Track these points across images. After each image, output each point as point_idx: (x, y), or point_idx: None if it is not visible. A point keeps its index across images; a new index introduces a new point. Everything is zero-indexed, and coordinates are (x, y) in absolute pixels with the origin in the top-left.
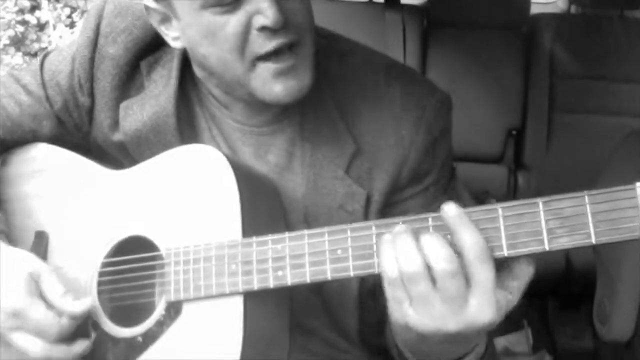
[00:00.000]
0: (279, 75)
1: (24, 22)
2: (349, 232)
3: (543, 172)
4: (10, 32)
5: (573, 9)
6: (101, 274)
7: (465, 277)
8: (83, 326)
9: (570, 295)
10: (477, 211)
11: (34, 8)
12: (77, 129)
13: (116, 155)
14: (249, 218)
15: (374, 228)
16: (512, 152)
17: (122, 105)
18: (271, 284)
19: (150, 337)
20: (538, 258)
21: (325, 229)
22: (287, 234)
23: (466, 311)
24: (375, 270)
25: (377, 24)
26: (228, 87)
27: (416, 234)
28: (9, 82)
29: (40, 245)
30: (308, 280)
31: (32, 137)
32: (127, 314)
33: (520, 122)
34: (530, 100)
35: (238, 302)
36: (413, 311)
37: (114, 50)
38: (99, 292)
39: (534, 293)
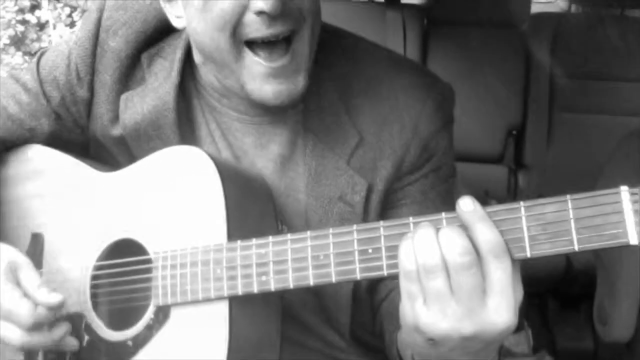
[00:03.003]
0: (270, 77)
1: (24, 22)
2: (331, 237)
3: (543, 172)
4: (11, 32)
5: (573, 8)
6: (94, 277)
7: (482, 275)
8: (76, 329)
9: (570, 296)
10: (456, 217)
11: (34, 7)
12: (75, 124)
13: (114, 150)
14: (235, 220)
15: (355, 233)
16: (512, 152)
17: (123, 97)
18: (255, 289)
19: (139, 341)
20: (538, 259)
21: (308, 233)
22: (270, 238)
23: (483, 312)
24: (357, 277)
25: (377, 24)
26: (221, 73)
27: (437, 228)
28: (9, 82)
29: (36, 247)
30: (291, 285)
31: (31, 136)
32: (122, 317)
33: (521, 122)
34: (530, 99)
35: (223, 307)
36: (427, 310)
37: (115, 43)
38: (93, 295)
39: (534, 293)
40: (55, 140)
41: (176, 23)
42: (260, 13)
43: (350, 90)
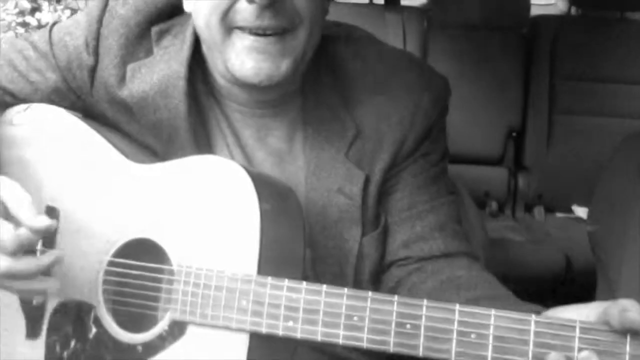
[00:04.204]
0: (253, 52)
1: (24, 24)
2: (369, 300)
3: (543, 174)
4: (11, 34)
5: (573, 11)
6: (107, 272)
7: None
8: (84, 319)
9: (570, 297)
10: (509, 317)
11: (35, 10)
12: (80, 89)
13: (118, 119)
14: (268, 247)
15: (395, 305)
16: (512, 154)
17: (130, 67)
18: (280, 332)
19: (150, 349)
20: (538, 259)
21: (345, 290)
22: (304, 285)
23: None
24: (390, 349)
25: (377, 26)
26: (212, 55)
27: None
28: (18, 40)
29: None
30: (319, 339)
31: (33, 89)
32: (133, 318)
33: (521, 124)
34: (530, 101)
35: (244, 340)
36: None
37: (124, 10)
38: (104, 290)
39: (534, 293)
40: (57, 102)
41: (186, 6)
42: (250, 1)
43: (348, 83)
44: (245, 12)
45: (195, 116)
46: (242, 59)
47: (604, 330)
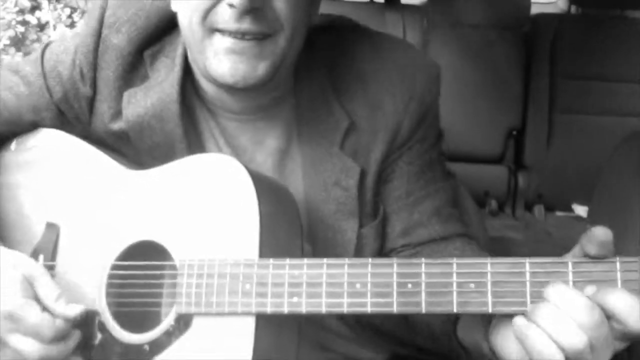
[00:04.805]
0: (231, 53)
1: (24, 23)
2: (369, 266)
3: (543, 172)
4: (11, 33)
5: (573, 9)
6: (111, 277)
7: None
8: (89, 326)
9: None
10: (504, 263)
11: (35, 8)
12: (77, 120)
13: (117, 145)
14: (267, 238)
15: (395, 266)
16: (512, 153)
17: (126, 93)
18: (285, 309)
19: (157, 346)
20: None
21: (346, 260)
22: (305, 260)
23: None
24: (394, 310)
25: (377, 24)
26: (195, 62)
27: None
28: (7, 74)
29: (50, 237)
30: (323, 310)
31: (32, 129)
32: (134, 319)
33: (521, 123)
34: (530, 100)
35: (250, 323)
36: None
37: (118, 40)
38: (108, 295)
39: None
40: None
41: (173, 6)
42: (231, 6)
43: (340, 77)
44: (225, 14)
45: (191, 135)
46: (220, 58)
47: (593, 261)
